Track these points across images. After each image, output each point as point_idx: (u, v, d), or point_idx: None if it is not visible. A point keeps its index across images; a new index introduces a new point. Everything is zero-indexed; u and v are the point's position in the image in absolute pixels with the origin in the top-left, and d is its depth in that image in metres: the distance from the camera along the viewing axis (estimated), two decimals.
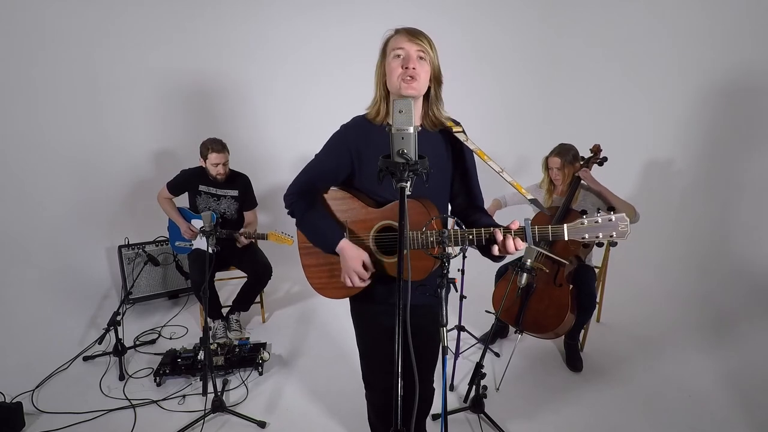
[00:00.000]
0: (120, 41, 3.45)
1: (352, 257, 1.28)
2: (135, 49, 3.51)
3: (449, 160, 1.35)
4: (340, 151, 1.32)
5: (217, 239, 2.60)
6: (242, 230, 2.72)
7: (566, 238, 1.11)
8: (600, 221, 1.10)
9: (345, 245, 1.30)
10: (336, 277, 1.36)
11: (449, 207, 1.46)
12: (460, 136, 1.30)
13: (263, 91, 3.90)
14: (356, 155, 1.31)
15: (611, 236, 1.10)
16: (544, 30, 4.02)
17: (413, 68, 1.18)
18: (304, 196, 1.36)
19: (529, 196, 1.36)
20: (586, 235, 1.10)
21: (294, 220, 1.40)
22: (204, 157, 2.80)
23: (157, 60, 3.59)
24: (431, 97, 1.28)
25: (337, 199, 1.36)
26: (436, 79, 1.26)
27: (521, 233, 1.12)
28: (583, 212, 1.13)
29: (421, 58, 1.21)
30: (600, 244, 1.13)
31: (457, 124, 1.33)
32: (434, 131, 1.32)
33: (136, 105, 3.61)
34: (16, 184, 3.17)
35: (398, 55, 1.20)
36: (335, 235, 1.31)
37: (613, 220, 1.09)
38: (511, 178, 1.30)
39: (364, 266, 1.29)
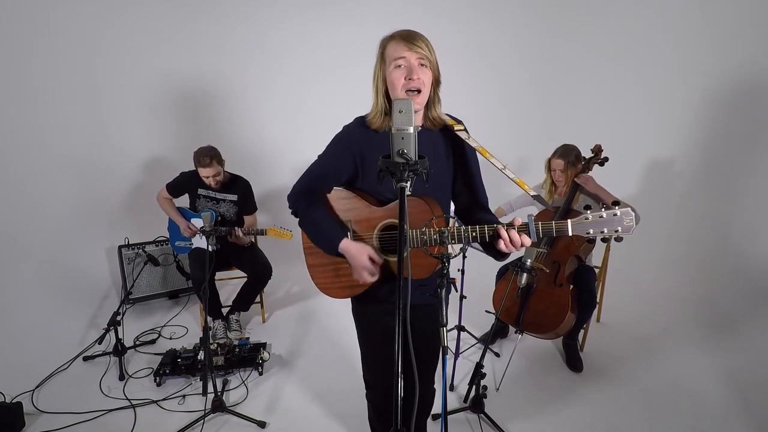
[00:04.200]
0: (120, 42, 3.46)
1: (357, 254, 1.24)
2: (135, 49, 3.51)
3: (450, 158, 1.34)
4: (342, 152, 1.31)
5: (216, 237, 2.60)
6: (238, 228, 2.72)
7: (570, 234, 1.10)
8: (605, 216, 1.08)
9: (347, 244, 1.26)
10: (340, 277, 1.34)
11: (452, 206, 1.45)
12: (462, 134, 1.29)
13: (263, 91, 3.90)
14: (359, 157, 1.30)
15: (616, 231, 1.08)
16: (544, 30, 4.01)
17: (417, 78, 1.18)
18: (307, 196, 1.35)
19: (532, 192, 1.35)
20: (591, 231, 1.09)
21: (297, 220, 1.39)
22: (195, 168, 2.78)
23: (157, 61, 3.60)
24: (430, 98, 1.27)
25: (341, 198, 1.35)
26: (436, 80, 1.26)
27: (525, 229, 1.11)
28: (587, 207, 1.11)
29: (422, 65, 1.20)
30: (605, 240, 1.11)
31: (459, 122, 1.32)
32: (435, 130, 1.32)
33: (136, 105, 3.62)
34: (16, 184, 3.17)
35: (399, 65, 1.19)
36: (337, 236, 1.28)
37: (618, 214, 1.08)
38: (513, 174, 1.29)
39: (372, 261, 1.24)
